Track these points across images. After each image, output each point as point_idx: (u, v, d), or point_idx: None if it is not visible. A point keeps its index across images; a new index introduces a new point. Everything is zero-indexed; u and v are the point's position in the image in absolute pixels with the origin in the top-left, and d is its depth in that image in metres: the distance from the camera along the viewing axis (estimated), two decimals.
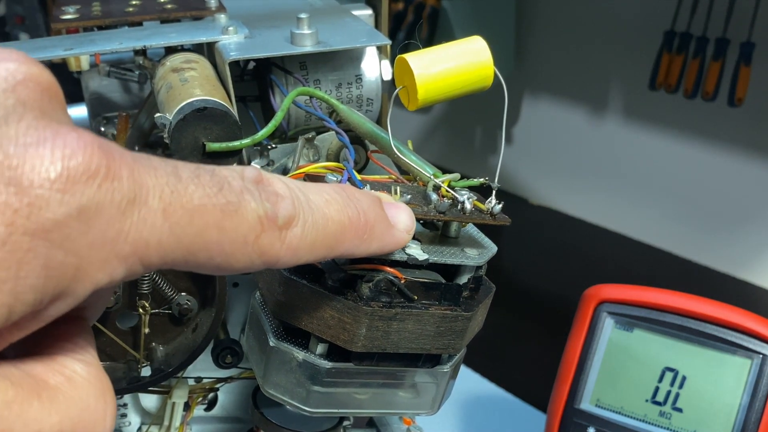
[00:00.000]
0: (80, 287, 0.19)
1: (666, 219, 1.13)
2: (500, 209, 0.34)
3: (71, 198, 0.18)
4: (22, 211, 0.17)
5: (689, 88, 1.00)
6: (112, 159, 0.19)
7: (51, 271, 0.18)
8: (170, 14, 0.45)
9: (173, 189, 0.20)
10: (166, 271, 0.42)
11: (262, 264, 0.22)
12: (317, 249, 0.24)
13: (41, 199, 0.17)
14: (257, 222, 0.21)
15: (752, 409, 0.54)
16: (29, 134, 0.18)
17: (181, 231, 0.20)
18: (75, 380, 0.20)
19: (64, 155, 0.18)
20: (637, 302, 0.58)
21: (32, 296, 0.18)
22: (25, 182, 0.17)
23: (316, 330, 0.33)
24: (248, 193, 0.21)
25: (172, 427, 0.48)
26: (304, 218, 0.23)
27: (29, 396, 0.18)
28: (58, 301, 0.18)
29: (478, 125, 1.35)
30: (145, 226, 0.19)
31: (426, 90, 0.34)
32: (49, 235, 0.17)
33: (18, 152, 0.17)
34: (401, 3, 1.17)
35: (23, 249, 0.17)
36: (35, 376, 0.19)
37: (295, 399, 0.35)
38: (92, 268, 0.18)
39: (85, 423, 0.19)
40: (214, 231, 0.20)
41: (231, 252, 0.21)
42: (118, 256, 0.19)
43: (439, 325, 0.34)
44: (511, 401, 0.82)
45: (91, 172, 0.18)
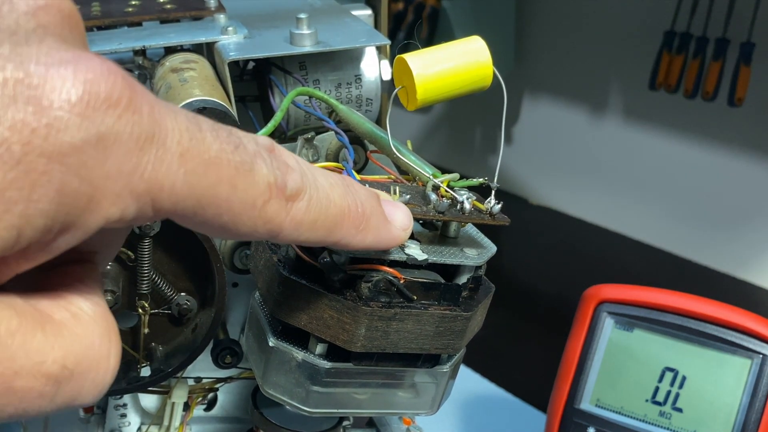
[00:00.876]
0: (91, 219, 0.18)
1: (666, 219, 1.13)
2: (499, 209, 0.34)
3: (90, 124, 0.17)
4: (40, 131, 0.17)
5: (689, 88, 1.00)
6: (135, 92, 0.18)
7: (64, 198, 0.17)
8: (169, 14, 0.45)
9: (192, 136, 0.19)
10: (166, 271, 0.42)
11: (266, 232, 0.22)
12: (317, 229, 0.23)
13: (60, 121, 0.17)
14: (266, 187, 0.21)
15: (752, 409, 0.54)
16: (51, 54, 0.18)
17: (195, 179, 0.19)
18: (80, 317, 0.20)
19: (87, 79, 0.17)
20: (637, 302, 0.58)
21: (42, 221, 0.17)
22: (44, 102, 0.17)
23: (316, 330, 0.33)
24: (260, 158, 0.21)
25: (171, 427, 0.48)
26: (310, 194, 0.23)
27: (33, 327, 0.18)
28: (68, 232, 0.18)
29: (477, 125, 1.35)
30: (161, 166, 0.19)
31: (425, 90, 0.34)
32: (66, 160, 0.17)
33: (39, 71, 0.17)
34: (401, 3, 1.17)
35: (38, 171, 0.17)
36: (40, 309, 0.19)
37: (295, 399, 0.35)
38: (105, 201, 0.18)
39: (89, 360, 0.19)
40: (226, 187, 0.20)
41: (239, 212, 0.21)
42: (132, 192, 0.18)
43: (439, 325, 0.34)
44: (511, 401, 0.82)
45: (112, 101, 0.18)
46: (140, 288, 0.41)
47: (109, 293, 0.40)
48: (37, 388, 0.18)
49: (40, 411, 0.18)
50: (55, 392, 0.18)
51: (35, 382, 0.18)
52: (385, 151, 0.37)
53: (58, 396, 0.19)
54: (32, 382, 0.18)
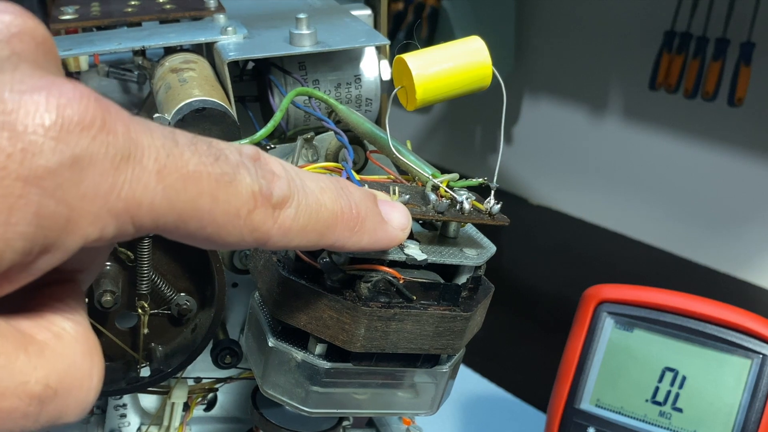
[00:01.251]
0: (70, 240, 0.18)
1: (666, 219, 1.13)
2: (499, 209, 0.34)
3: (65, 147, 0.18)
4: (16, 156, 0.17)
5: (689, 88, 1.00)
6: (108, 113, 0.18)
7: (42, 220, 0.17)
8: (169, 14, 0.45)
9: (169, 152, 0.20)
10: (165, 271, 0.42)
11: (253, 241, 0.22)
12: (308, 234, 0.24)
13: (35, 146, 0.17)
14: (251, 197, 0.21)
15: (752, 409, 0.54)
16: (24, 82, 0.18)
17: (174, 195, 0.20)
18: (63, 337, 0.20)
19: (60, 104, 0.18)
20: (637, 302, 0.58)
21: (21, 244, 0.17)
22: (19, 127, 0.17)
23: (315, 330, 0.33)
24: (244, 168, 0.21)
25: (171, 427, 0.48)
26: (298, 200, 0.23)
27: (16, 348, 0.18)
28: (48, 253, 0.18)
29: (477, 125, 1.34)
30: (138, 185, 0.19)
31: (424, 90, 0.34)
32: (42, 183, 0.17)
33: (13, 98, 0.17)
34: (401, 3, 1.17)
35: (15, 194, 0.17)
36: (22, 330, 0.19)
37: (294, 399, 0.35)
38: (83, 221, 0.18)
39: (71, 380, 0.19)
40: (207, 200, 0.20)
41: (223, 224, 0.21)
42: (110, 212, 0.19)
43: (438, 326, 0.34)
44: (511, 401, 0.82)
45: (86, 123, 0.18)
46: (140, 288, 0.41)
47: (108, 293, 0.40)
48: (21, 408, 0.18)
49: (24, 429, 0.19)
50: (39, 412, 0.19)
51: (19, 403, 0.18)
52: (385, 151, 0.37)
53: (42, 415, 0.19)
54: (16, 403, 0.18)
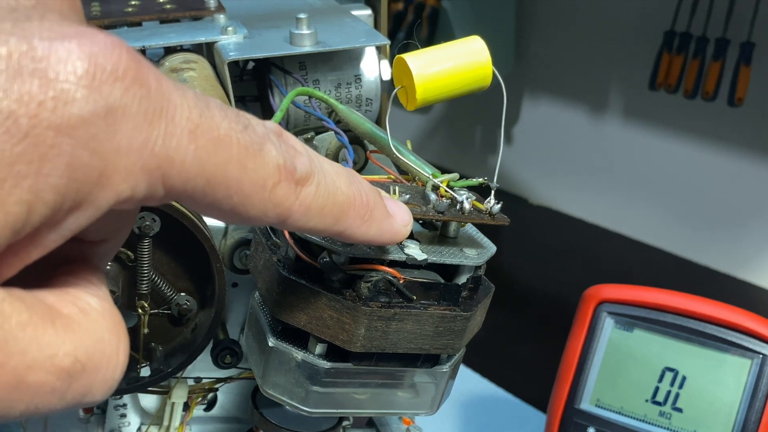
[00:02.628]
0: (102, 195, 0.18)
1: (666, 219, 1.13)
2: (499, 209, 0.34)
3: (98, 96, 0.17)
4: (47, 103, 0.16)
5: (689, 88, 1.00)
6: (141, 65, 0.18)
7: (74, 172, 0.17)
8: (169, 14, 0.45)
9: (201, 112, 0.19)
10: (165, 271, 0.42)
11: (275, 216, 0.22)
12: (325, 216, 0.23)
13: (67, 93, 0.17)
14: (276, 169, 0.21)
15: (752, 409, 0.54)
16: (54, 29, 0.17)
17: (205, 157, 0.19)
18: (89, 312, 0.19)
19: (92, 52, 0.17)
20: (637, 302, 0.58)
21: (53, 197, 0.17)
22: (50, 74, 0.16)
23: (315, 330, 0.33)
24: (269, 141, 0.21)
25: (171, 427, 0.48)
26: (318, 179, 0.22)
27: (43, 321, 0.18)
28: (78, 210, 0.18)
29: (477, 125, 1.35)
30: (171, 141, 0.18)
31: (424, 90, 0.34)
32: (75, 132, 0.17)
33: (43, 45, 0.17)
34: (401, 3, 1.17)
35: (47, 144, 0.16)
36: (49, 303, 0.19)
37: (294, 399, 0.35)
38: (116, 176, 0.18)
39: (99, 355, 0.19)
40: (236, 167, 0.20)
41: (249, 194, 0.20)
42: (143, 168, 0.18)
43: (438, 325, 0.34)
44: (511, 401, 0.82)
45: (119, 74, 0.17)
46: (140, 288, 0.41)
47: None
48: (49, 382, 0.18)
49: (50, 408, 0.18)
50: (67, 387, 0.18)
51: (48, 376, 0.18)
52: (385, 151, 0.37)
53: (69, 392, 0.18)
54: (45, 376, 0.18)
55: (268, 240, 0.35)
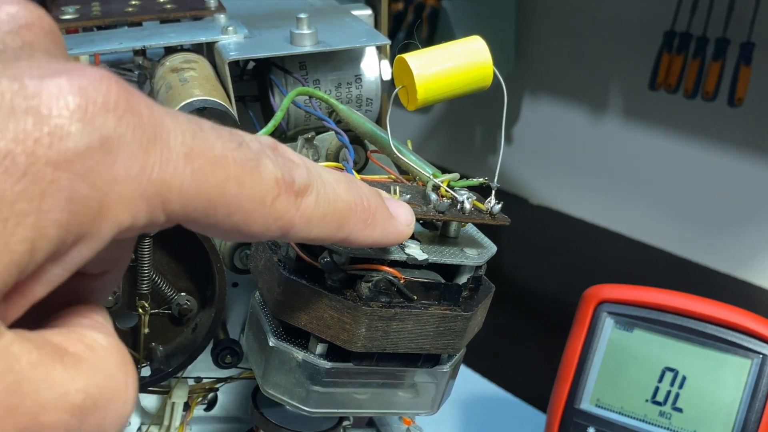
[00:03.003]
0: (104, 227, 0.18)
1: (666, 219, 1.13)
2: (499, 209, 0.34)
3: (92, 129, 0.17)
4: (43, 140, 0.16)
5: (689, 88, 1.00)
6: (131, 94, 0.18)
7: (75, 206, 0.17)
8: (170, 14, 0.45)
9: (195, 135, 0.19)
10: (166, 271, 0.42)
11: (277, 230, 0.22)
12: (327, 224, 0.23)
13: (61, 129, 0.17)
14: (274, 183, 0.21)
15: (752, 409, 0.54)
16: (42, 67, 0.17)
17: (203, 179, 0.19)
18: (96, 348, 0.19)
19: (82, 86, 0.17)
20: (637, 302, 0.58)
21: (55, 232, 0.17)
22: (43, 111, 0.17)
23: (316, 330, 0.33)
24: (265, 156, 0.21)
25: (171, 427, 0.48)
26: (317, 189, 0.23)
27: (53, 360, 0.18)
28: (81, 242, 0.18)
29: (478, 125, 1.34)
30: (168, 167, 0.18)
31: (425, 90, 0.34)
32: (72, 166, 0.17)
33: (33, 83, 0.17)
34: (401, 3, 1.17)
35: (46, 180, 0.16)
36: (56, 343, 0.19)
37: (295, 399, 0.35)
38: (116, 206, 0.18)
39: (110, 391, 0.19)
40: (234, 185, 0.20)
41: (249, 211, 0.21)
42: (142, 196, 0.18)
43: (439, 325, 0.34)
44: (511, 401, 0.82)
45: (110, 105, 0.18)
46: (140, 288, 0.41)
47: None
48: (63, 420, 0.18)
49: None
50: (80, 425, 0.18)
51: (62, 415, 0.18)
52: (386, 151, 0.37)
53: (82, 429, 0.18)
54: (59, 415, 0.18)
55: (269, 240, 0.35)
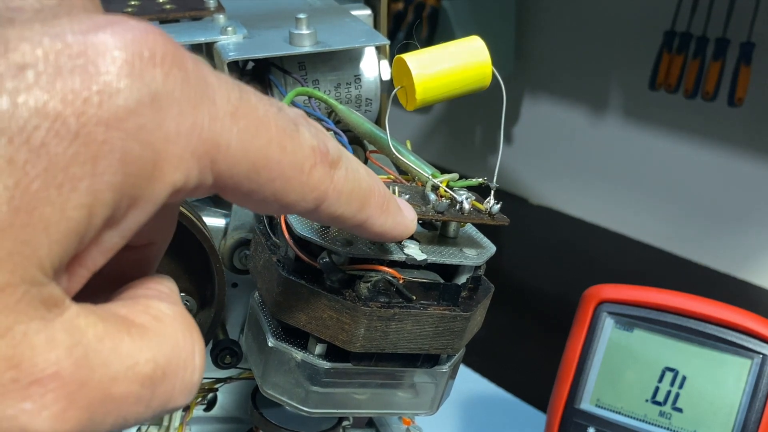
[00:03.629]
0: (158, 187, 0.17)
1: (666, 219, 1.13)
2: (499, 209, 0.34)
3: (141, 84, 0.16)
4: (92, 99, 0.16)
5: (689, 88, 1.00)
6: (177, 48, 0.17)
7: (128, 166, 0.16)
8: (169, 15, 0.45)
9: (239, 95, 0.19)
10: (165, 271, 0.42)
11: (312, 201, 0.21)
12: (353, 202, 0.23)
13: (110, 86, 0.16)
14: (311, 151, 0.21)
15: (752, 409, 0.54)
16: (84, 22, 0.17)
17: (248, 139, 0.19)
18: (161, 318, 0.19)
19: (127, 40, 0.16)
20: (637, 302, 0.58)
21: (111, 195, 0.16)
22: (90, 69, 0.16)
23: (315, 330, 0.33)
24: (302, 123, 0.21)
25: (171, 427, 0.47)
26: (347, 163, 0.22)
27: (119, 331, 0.17)
28: (137, 206, 0.17)
29: (477, 125, 1.34)
30: (215, 124, 0.18)
31: (424, 90, 0.34)
32: (124, 125, 0.16)
33: (77, 40, 0.16)
34: (401, 3, 1.17)
35: (98, 141, 0.16)
36: (121, 315, 0.18)
37: (294, 399, 0.35)
38: (168, 165, 0.17)
39: (177, 360, 0.19)
40: (276, 149, 0.19)
41: (289, 177, 0.20)
42: (193, 154, 0.18)
43: (438, 325, 0.34)
44: (511, 401, 0.82)
45: (157, 59, 0.17)
46: None
47: None
48: (134, 392, 0.17)
49: (137, 418, 0.18)
50: (151, 395, 0.18)
51: (132, 386, 0.17)
52: (385, 151, 0.37)
53: (153, 399, 0.18)
54: (129, 386, 0.17)
55: (268, 240, 0.35)
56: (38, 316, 0.16)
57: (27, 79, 0.15)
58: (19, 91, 0.15)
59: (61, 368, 0.16)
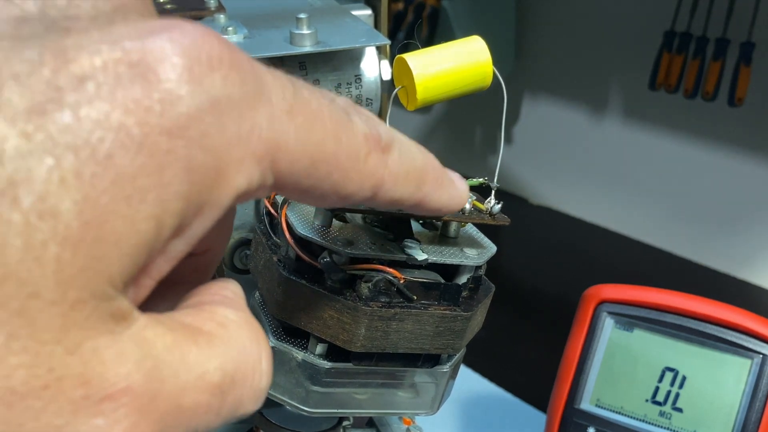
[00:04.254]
0: (223, 193, 0.17)
1: (666, 219, 1.13)
2: (499, 209, 0.34)
3: (201, 90, 0.16)
4: (154, 108, 0.16)
5: (689, 88, 1.00)
6: (233, 50, 0.17)
7: (193, 175, 0.16)
8: (169, 14, 0.45)
9: (294, 91, 0.19)
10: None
11: (370, 188, 0.21)
12: (409, 182, 0.23)
13: (171, 94, 0.16)
14: (365, 139, 0.20)
15: (752, 409, 0.54)
16: (140, 28, 0.16)
17: (305, 135, 0.19)
18: (227, 325, 0.19)
19: (185, 45, 0.16)
20: (637, 302, 0.58)
21: (178, 205, 0.16)
22: (150, 77, 0.16)
23: (316, 330, 0.33)
24: (353, 112, 0.21)
25: None
26: (399, 146, 0.22)
27: (186, 341, 0.17)
28: (202, 213, 0.17)
29: (477, 125, 1.35)
30: (273, 124, 0.18)
31: (425, 90, 0.34)
32: (187, 133, 0.16)
33: (134, 47, 0.16)
34: (401, 3, 1.17)
35: (163, 150, 0.16)
36: (188, 324, 0.18)
37: (295, 399, 0.35)
38: (231, 170, 0.17)
39: (245, 366, 0.19)
40: (332, 141, 0.19)
41: (347, 168, 0.20)
42: (253, 156, 0.17)
43: (438, 325, 0.34)
44: (511, 401, 0.82)
45: (215, 63, 0.17)
46: None
47: None
48: (204, 401, 0.17)
49: (207, 426, 0.18)
50: (221, 403, 0.18)
51: (202, 395, 0.17)
52: None
53: (223, 407, 0.18)
54: (199, 396, 0.17)
55: (269, 240, 0.35)
56: (107, 330, 0.16)
57: (88, 91, 0.15)
58: (81, 103, 0.15)
59: (132, 382, 0.16)
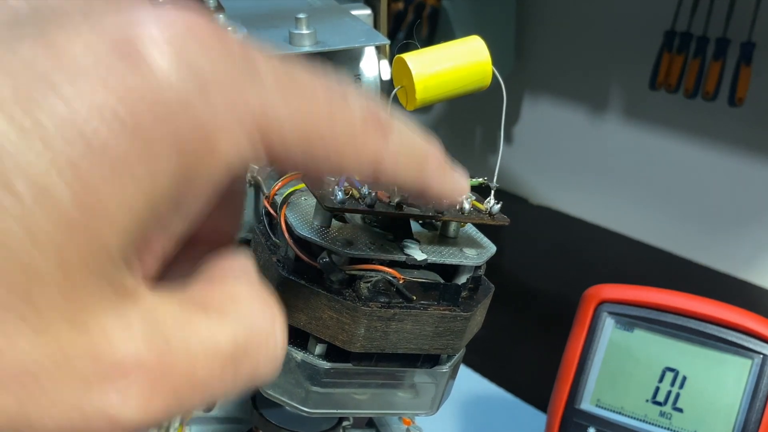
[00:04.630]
0: (213, 165, 0.18)
1: (666, 219, 1.13)
2: (499, 209, 0.34)
3: (189, 72, 0.17)
4: (141, 90, 0.16)
5: (689, 88, 1.00)
6: (221, 32, 0.18)
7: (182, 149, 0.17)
8: None
9: (285, 70, 0.19)
10: None
11: (369, 165, 0.21)
12: (411, 164, 0.23)
13: (159, 78, 0.16)
14: (361, 118, 0.21)
15: (752, 409, 0.54)
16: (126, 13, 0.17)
17: (296, 111, 0.19)
18: (237, 297, 0.19)
19: (173, 30, 0.17)
20: (637, 302, 0.58)
21: (168, 180, 0.17)
22: (137, 60, 0.16)
23: (315, 330, 0.33)
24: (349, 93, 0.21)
25: (171, 427, 0.47)
26: (398, 126, 0.22)
27: (196, 314, 0.18)
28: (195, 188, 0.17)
29: (477, 125, 1.35)
30: (261, 98, 0.18)
31: (424, 89, 0.34)
32: (176, 114, 0.16)
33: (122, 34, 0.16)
34: (401, 3, 1.17)
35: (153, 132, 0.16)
36: (197, 297, 0.19)
37: (294, 399, 0.35)
38: (221, 142, 0.17)
39: (258, 336, 0.19)
40: (327, 117, 0.20)
41: (343, 144, 0.20)
42: (242, 127, 0.18)
43: (438, 326, 0.33)
44: (511, 401, 0.82)
45: (203, 41, 0.17)
46: None
47: None
48: (217, 372, 0.18)
49: (225, 394, 0.18)
50: (235, 372, 0.18)
51: (214, 367, 0.18)
52: None
53: (237, 376, 0.18)
54: (211, 368, 0.18)
55: (268, 240, 0.35)
56: (112, 307, 0.16)
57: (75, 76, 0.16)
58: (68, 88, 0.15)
59: (142, 357, 0.16)
